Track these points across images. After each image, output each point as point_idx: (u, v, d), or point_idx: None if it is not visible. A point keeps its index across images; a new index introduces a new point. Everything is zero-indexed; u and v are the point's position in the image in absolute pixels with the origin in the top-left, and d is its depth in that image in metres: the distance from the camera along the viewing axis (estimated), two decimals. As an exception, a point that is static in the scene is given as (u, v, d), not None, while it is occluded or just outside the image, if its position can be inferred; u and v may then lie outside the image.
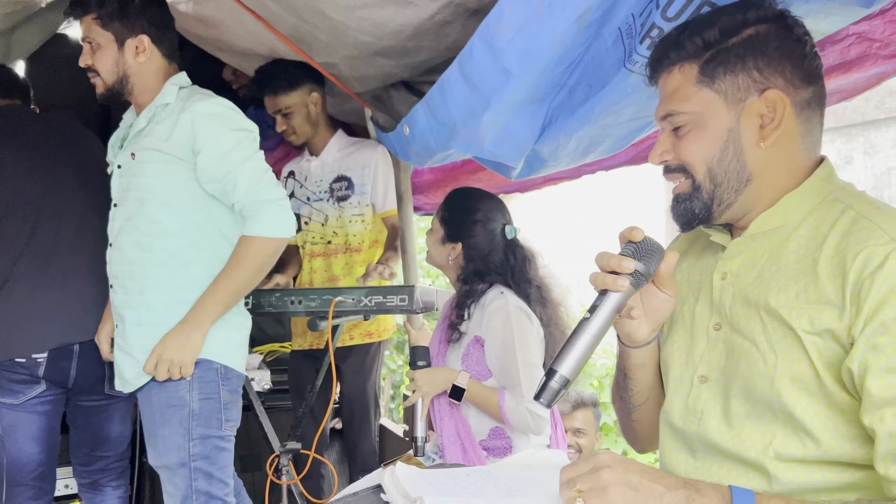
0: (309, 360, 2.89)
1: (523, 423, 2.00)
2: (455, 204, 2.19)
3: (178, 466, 1.94)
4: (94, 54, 1.95)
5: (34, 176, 2.30)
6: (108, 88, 1.99)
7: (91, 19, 1.92)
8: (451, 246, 2.15)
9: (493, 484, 1.20)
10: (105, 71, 1.96)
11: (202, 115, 1.91)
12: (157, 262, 1.94)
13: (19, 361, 2.18)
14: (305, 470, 2.40)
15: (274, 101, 2.70)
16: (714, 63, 1.02)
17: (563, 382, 0.98)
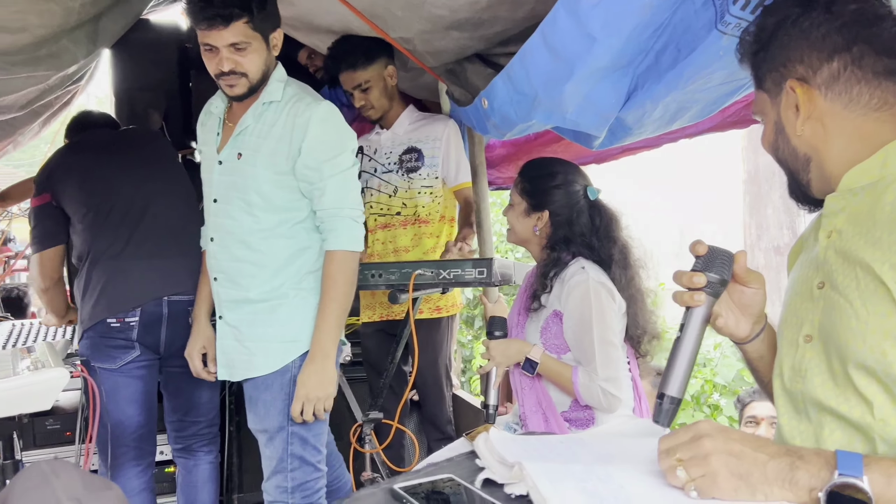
0: (381, 334, 2.95)
1: (595, 401, 1.99)
2: (533, 173, 2.17)
3: (277, 430, 2.03)
4: (243, 56, 1.94)
5: (126, 177, 2.51)
6: (251, 89, 2.00)
7: (243, 23, 1.90)
8: (537, 216, 2.13)
9: (586, 451, 1.21)
10: (254, 71, 1.97)
11: (315, 120, 1.97)
12: (261, 259, 2.04)
13: (114, 326, 2.32)
14: (389, 439, 2.45)
15: (352, 76, 2.71)
16: (760, 68, 1.12)
17: (675, 402, 1.07)
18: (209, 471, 2.57)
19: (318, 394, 1.98)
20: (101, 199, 2.46)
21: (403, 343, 2.52)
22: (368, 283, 2.38)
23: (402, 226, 2.86)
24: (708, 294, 1.05)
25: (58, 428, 2.81)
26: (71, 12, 2.60)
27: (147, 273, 2.37)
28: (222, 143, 2.11)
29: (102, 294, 2.35)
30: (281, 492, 2.04)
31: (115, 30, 3.12)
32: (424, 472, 1.29)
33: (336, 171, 2.00)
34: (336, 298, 2.00)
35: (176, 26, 3.85)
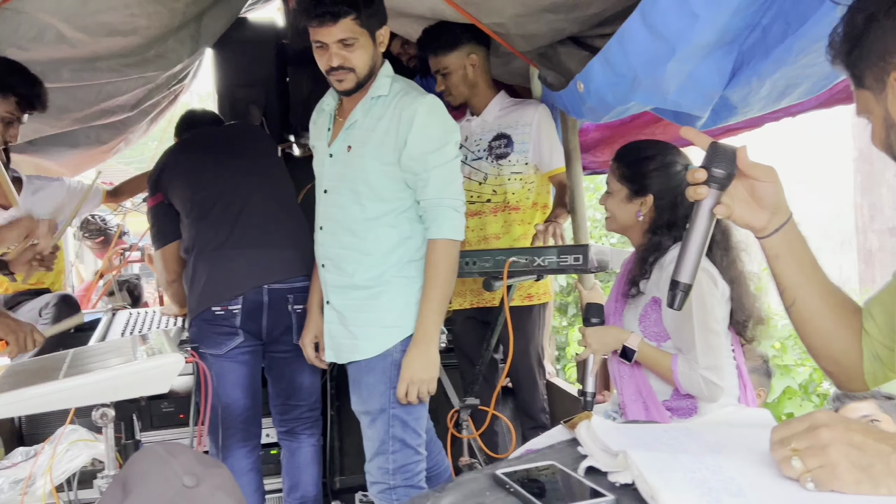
0: (471, 321, 2.97)
1: (696, 390, 1.93)
2: (631, 158, 2.11)
3: (379, 412, 2.10)
4: (351, 52, 2.02)
5: (228, 172, 2.62)
6: (358, 83, 2.07)
7: (350, 20, 1.98)
8: (640, 201, 2.07)
9: (693, 440, 1.18)
10: (362, 66, 2.04)
11: (420, 113, 2.04)
12: (366, 246, 2.11)
13: (219, 314, 2.42)
14: (485, 425, 2.46)
15: (434, 61, 2.76)
16: (857, 66, 1.08)
17: (685, 288, 1.17)
18: (312, 453, 2.65)
19: (422, 376, 2.04)
20: (205, 193, 2.57)
21: (498, 331, 2.52)
22: (462, 271, 2.39)
23: (492, 213, 2.86)
24: (713, 187, 1.12)
25: (172, 410, 2.97)
26: (176, 13, 2.72)
27: (248, 263, 2.46)
28: (333, 137, 2.19)
29: (207, 284, 2.46)
30: (383, 473, 2.10)
31: (216, 29, 3.24)
32: (526, 458, 1.29)
33: (439, 163, 2.05)
34: (438, 286, 2.06)
35: (272, 23, 3.97)
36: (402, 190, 2.11)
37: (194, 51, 3.17)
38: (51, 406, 1.67)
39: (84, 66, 2.67)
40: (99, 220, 4.70)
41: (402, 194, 2.11)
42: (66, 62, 2.58)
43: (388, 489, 2.11)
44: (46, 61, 2.50)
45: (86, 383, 1.66)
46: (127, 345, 1.99)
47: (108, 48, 2.63)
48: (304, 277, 2.44)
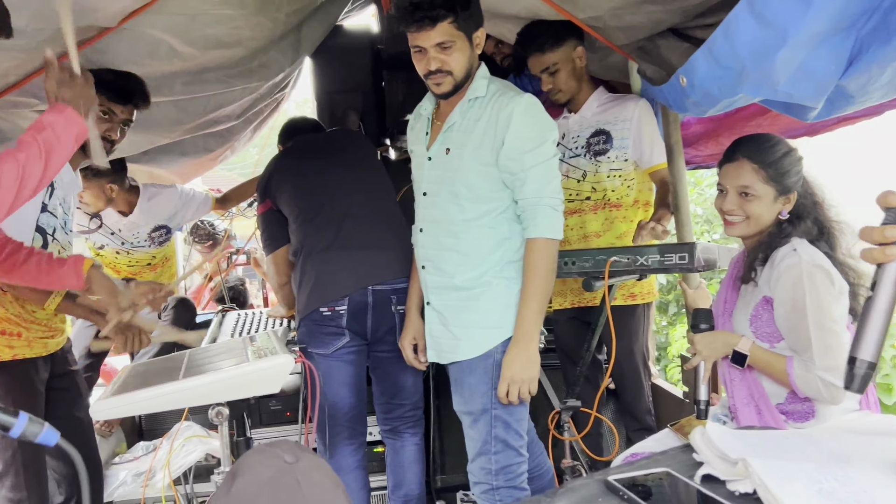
0: (573, 321, 2.93)
1: (814, 392, 1.83)
2: (771, 157, 1.96)
3: (481, 413, 2.11)
4: (449, 55, 2.04)
5: (331, 176, 2.70)
6: (456, 86, 2.10)
7: (448, 23, 2.00)
8: (786, 199, 1.97)
9: (817, 449, 1.12)
10: (459, 69, 2.07)
11: (517, 112, 2.04)
12: (467, 248, 2.13)
13: (326, 314, 2.49)
14: (588, 427, 2.43)
15: (540, 59, 2.70)
16: None
17: (868, 367, 0.99)
18: (415, 452, 2.69)
19: (522, 376, 2.04)
20: (311, 199, 2.65)
21: (599, 331, 2.48)
22: (561, 271, 2.36)
23: (591, 211, 2.82)
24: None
25: (280, 409, 3.07)
26: (278, 24, 2.81)
27: (352, 264, 2.52)
28: (431, 140, 2.21)
29: (315, 285, 2.53)
30: (485, 473, 2.11)
31: (314, 37, 3.33)
32: (638, 464, 1.27)
33: (537, 162, 2.04)
34: (537, 285, 2.05)
35: (368, 30, 4.05)
36: (500, 190, 2.11)
37: (294, 59, 3.27)
38: (172, 405, 1.76)
39: (194, 79, 2.80)
40: (208, 225, 4.92)
41: (500, 194, 2.12)
42: (178, 75, 2.71)
43: (491, 490, 2.12)
44: (160, 76, 2.64)
45: (203, 384, 1.74)
46: (238, 346, 2.07)
47: (215, 60, 2.75)
48: (407, 279, 2.48)
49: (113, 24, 2.22)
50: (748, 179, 1.97)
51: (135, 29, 2.29)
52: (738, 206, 2.00)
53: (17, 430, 0.76)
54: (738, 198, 2.00)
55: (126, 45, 2.34)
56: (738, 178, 1.99)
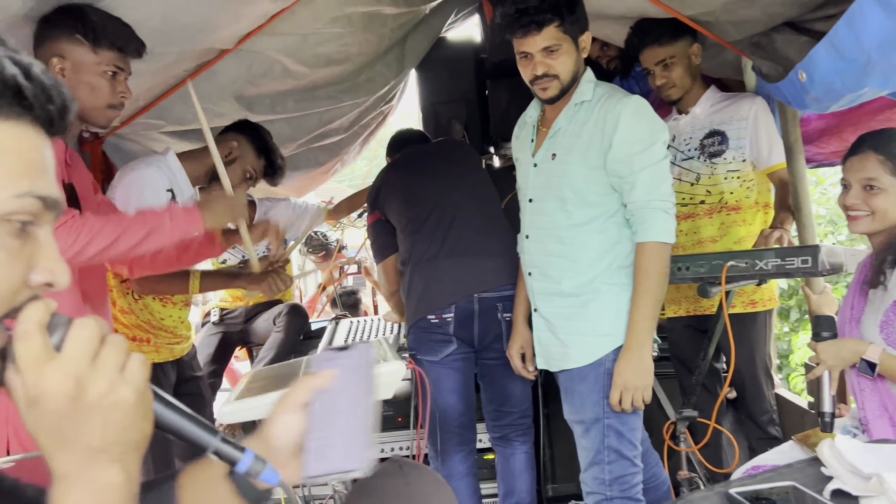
0: (689, 329, 2.83)
1: None
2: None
3: (593, 422, 2.08)
4: (555, 59, 2.04)
5: (438, 187, 2.74)
6: (562, 90, 2.09)
7: (554, 27, 2.01)
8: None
9: (963, 465, 1.04)
10: (566, 73, 2.06)
11: (625, 114, 2.01)
12: (574, 253, 2.11)
13: (434, 322, 2.53)
14: (706, 438, 2.35)
15: (655, 52, 2.61)
16: None
17: None
18: (525, 460, 2.67)
19: (635, 383, 2.00)
20: (418, 209, 2.70)
21: (716, 340, 2.39)
22: (675, 277, 2.29)
23: (706, 215, 2.72)
24: None
25: (391, 414, 3.13)
26: (383, 39, 2.89)
27: (459, 273, 2.55)
28: (536, 147, 2.21)
29: (422, 294, 2.58)
30: (599, 483, 2.08)
31: (419, 50, 3.40)
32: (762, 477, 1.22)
33: (646, 164, 2.00)
34: (649, 290, 2.01)
35: (471, 40, 4.08)
36: (608, 194, 2.08)
37: (399, 72, 3.34)
38: (292, 410, 1.82)
39: (305, 96, 2.92)
40: (321, 235, 5.10)
41: (608, 198, 2.08)
42: (291, 93, 2.83)
43: (605, 500, 2.08)
44: (274, 94, 2.77)
45: (320, 389, 1.79)
46: (353, 353, 2.12)
47: (325, 77, 2.86)
48: (513, 286, 2.48)
49: (230, 46, 2.35)
50: (873, 171, 1.87)
51: (250, 50, 2.41)
52: (861, 201, 1.90)
53: (243, 465, 0.78)
54: (862, 192, 1.90)
55: (243, 65, 2.47)
56: (861, 170, 1.89)
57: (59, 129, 0.70)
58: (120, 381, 0.66)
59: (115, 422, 0.65)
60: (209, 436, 0.76)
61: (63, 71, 1.79)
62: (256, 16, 2.22)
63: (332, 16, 2.39)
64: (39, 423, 0.64)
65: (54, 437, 0.64)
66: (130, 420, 0.67)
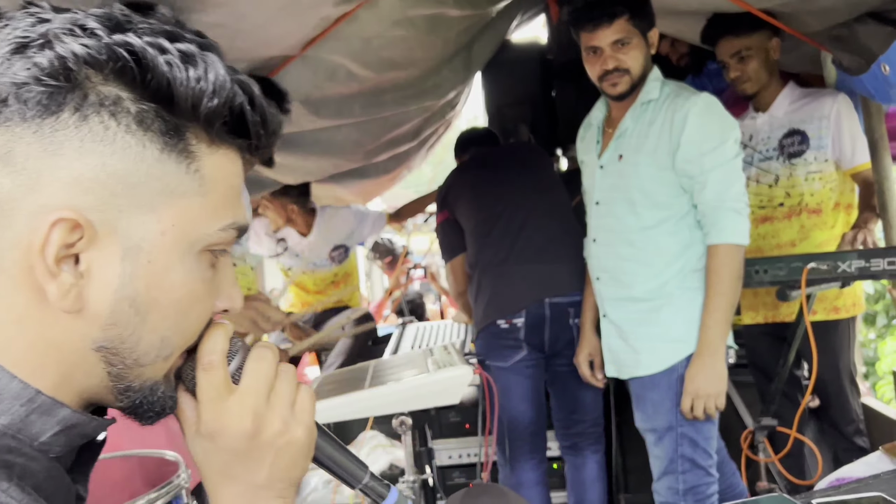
0: (768, 337, 2.72)
1: None
2: None
3: (666, 430, 2.03)
4: (626, 53, 2.03)
5: (508, 190, 2.71)
6: (633, 85, 2.07)
7: (625, 20, 2.00)
8: None
9: None
10: (636, 68, 2.04)
11: (693, 112, 1.97)
12: (645, 256, 2.07)
13: (504, 327, 2.50)
14: (787, 448, 2.25)
15: (732, 43, 2.49)
16: None
17: None
18: (597, 470, 2.63)
19: (707, 390, 1.94)
20: (487, 212, 2.68)
21: (796, 346, 2.29)
22: (752, 280, 2.21)
23: (785, 218, 2.59)
24: None
25: (459, 420, 3.12)
26: (449, 43, 2.88)
27: (529, 277, 2.53)
28: (602, 148, 2.18)
29: (492, 298, 2.56)
30: (672, 493, 2.03)
31: (485, 54, 3.38)
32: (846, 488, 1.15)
33: (717, 163, 1.95)
34: (722, 293, 1.96)
35: (536, 41, 4.05)
36: (678, 195, 2.03)
37: (466, 77, 3.34)
38: (360, 413, 1.84)
39: (371, 101, 2.93)
40: (387, 241, 5.14)
41: (678, 200, 2.03)
42: (356, 98, 2.85)
43: None
44: (340, 98, 2.79)
45: (387, 393, 1.80)
46: (419, 357, 2.12)
47: (390, 81, 2.86)
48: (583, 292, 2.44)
49: (295, 53, 2.39)
50: None
51: (315, 55, 2.44)
52: None
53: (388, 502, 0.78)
54: None
55: (308, 71, 2.50)
56: None
57: (263, 155, 0.65)
58: (293, 420, 0.65)
59: (285, 460, 0.64)
60: (361, 471, 0.75)
61: None
62: (319, 20, 2.24)
63: (394, 19, 2.39)
64: (210, 456, 0.63)
65: (223, 472, 0.64)
66: (298, 458, 0.66)
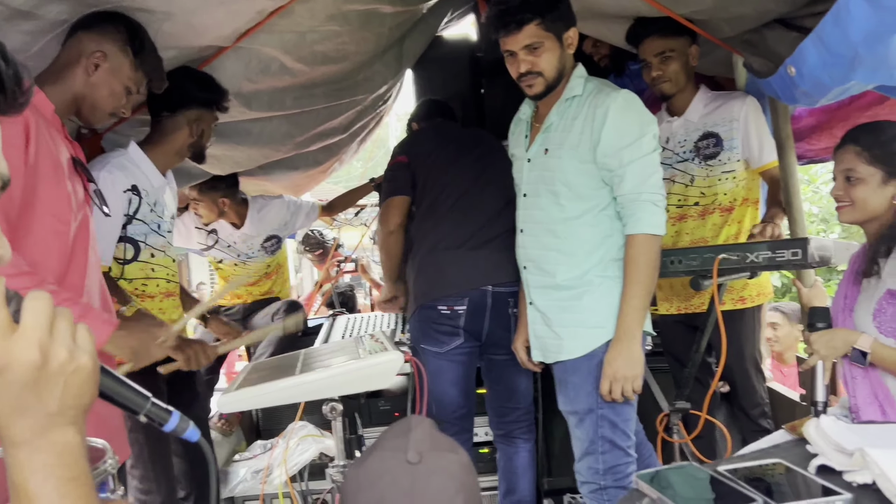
0: (681, 325, 2.87)
1: None
2: (880, 138, 1.92)
3: (586, 413, 2.11)
4: (538, 56, 2.09)
5: (458, 173, 2.70)
6: (548, 87, 2.13)
7: (534, 25, 2.05)
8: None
9: (943, 442, 1.08)
10: (549, 69, 2.10)
11: (613, 108, 2.04)
12: (569, 247, 2.14)
13: (444, 313, 2.52)
14: (697, 430, 2.37)
15: (657, 43, 2.62)
16: None
17: None
18: (528, 458, 2.69)
19: (625, 373, 2.02)
20: (436, 191, 2.67)
21: (708, 334, 2.42)
22: (667, 270, 2.31)
23: (700, 216, 2.75)
24: None
25: (388, 409, 3.16)
26: (382, 38, 2.91)
27: (473, 263, 2.53)
28: (530, 142, 2.25)
29: (434, 281, 2.56)
30: (593, 473, 2.11)
31: (416, 50, 3.42)
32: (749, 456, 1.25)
33: (635, 157, 2.03)
34: (639, 281, 2.03)
35: (466, 38, 4.11)
36: (599, 188, 2.10)
37: (398, 72, 3.37)
38: (290, 399, 1.85)
39: (303, 94, 2.93)
40: (317, 234, 5.12)
41: (599, 192, 2.11)
42: (289, 91, 2.85)
43: (599, 489, 2.11)
44: (272, 91, 2.78)
45: (318, 378, 1.82)
46: (350, 345, 2.15)
47: (323, 75, 2.87)
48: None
49: (228, 44, 2.38)
50: (850, 162, 1.94)
51: (248, 47, 2.44)
52: (844, 192, 1.97)
53: (170, 425, 0.88)
54: (844, 183, 1.96)
55: (241, 62, 2.50)
56: (841, 162, 1.97)
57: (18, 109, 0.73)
58: (76, 349, 0.70)
59: (74, 387, 0.70)
60: (142, 400, 0.84)
61: (97, 67, 1.89)
62: (254, 13, 2.25)
63: (329, 13, 2.41)
64: (1, 393, 0.67)
65: (14, 406, 0.67)
66: (86, 385, 0.71)
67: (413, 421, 1.18)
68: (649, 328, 2.18)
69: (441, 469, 1.11)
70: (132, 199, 2.31)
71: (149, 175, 2.39)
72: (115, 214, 2.24)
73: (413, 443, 1.12)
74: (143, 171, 2.37)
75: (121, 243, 2.33)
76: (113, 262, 2.32)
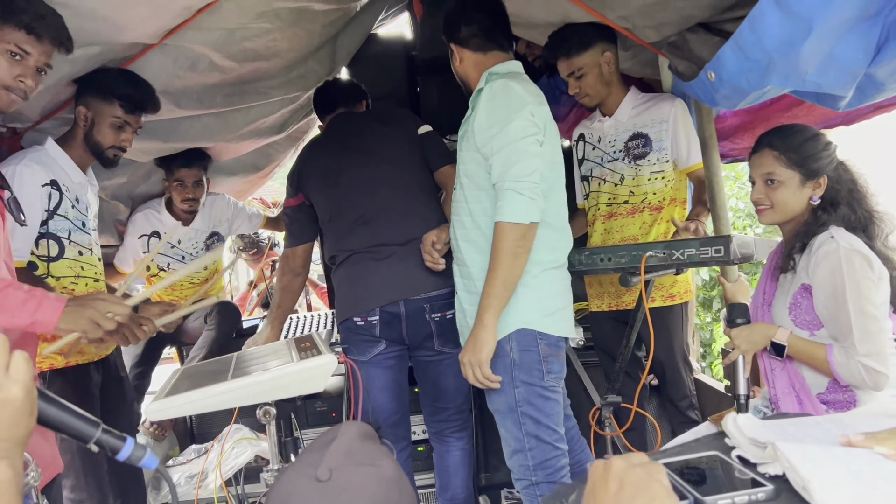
0: (611, 320, 2.93)
1: (857, 379, 1.83)
2: (794, 141, 1.98)
3: (507, 411, 2.10)
4: (457, 68, 2.29)
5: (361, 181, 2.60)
6: (468, 91, 2.28)
7: (449, 42, 2.27)
8: (815, 183, 1.97)
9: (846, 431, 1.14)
10: (470, 76, 2.27)
11: (483, 99, 2.08)
12: (475, 237, 2.14)
13: (360, 324, 2.49)
14: (628, 423, 2.44)
15: (567, 63, 2.71)
16: None
17: None
18: (461, 457, 2.69)
19: (470, 358, 2.02)
20: (341, 203, 2.60)
21: (637, 328, 2.49)
22: (597, 268, 2.36)
23: (629, 214, 2.81)
24: None
25: (325, 410, 3.14)
26: (314, 35, 2.88)
27: (385, 276, 2.48)
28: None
29: (349, 293, 2.54)
30: (524, 469, 2.12)
31: (350, 47, 3.40)
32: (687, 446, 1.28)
33: (502, 145, 2.00)
34: (495, 268, 1.99)
35: (401, 37, 4.11)
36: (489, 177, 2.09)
37: (331, 69, 3.33)
38: (222, 405, 1.82)
39: (233, 91, 2.88)
40: (252, 234, 5.04)
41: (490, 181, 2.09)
42: (219, 88, 2.80)
43: (531, 485, 2.13)
44: (201, 88, 2.73)
45: (251, 384, 1.80)
46: (284, 348, 2.13)
47: (254, 72, 2.83)
48: (443, 288, 2.46)
49: (155, 41, 2.32)
50: (770, 166, 2.00)
51: (176, 44, 2.38)
52: (764, 195, 2.04)
53: (124, 453, 0.82)
54: (764, 186, 2.03)
55: (168, 60, 2.44)
56: (760, 166, 2.03)
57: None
58: (7, 380, 0.67)
59: (4, 419, 0.66)
60: (91, 428, 0.79)
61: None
62: (180, 10, 2.20)
63: (259, 10, 2.37)
64: None
65: None
66: (18, 417, 0.67)
67: (341, 429, 1.11)
68: (571, 332, 2.17)
69: (354, 486, 1.03)
70: (52, 194, 2.26)
71: (68, 171, 2.34)
72: (33, 208, 2.17)
73: (326, 457, 1.05)
74: (62, 167, 2.33)
75: (43, 240, 2.27)
76: (37, 260, 2.26)
